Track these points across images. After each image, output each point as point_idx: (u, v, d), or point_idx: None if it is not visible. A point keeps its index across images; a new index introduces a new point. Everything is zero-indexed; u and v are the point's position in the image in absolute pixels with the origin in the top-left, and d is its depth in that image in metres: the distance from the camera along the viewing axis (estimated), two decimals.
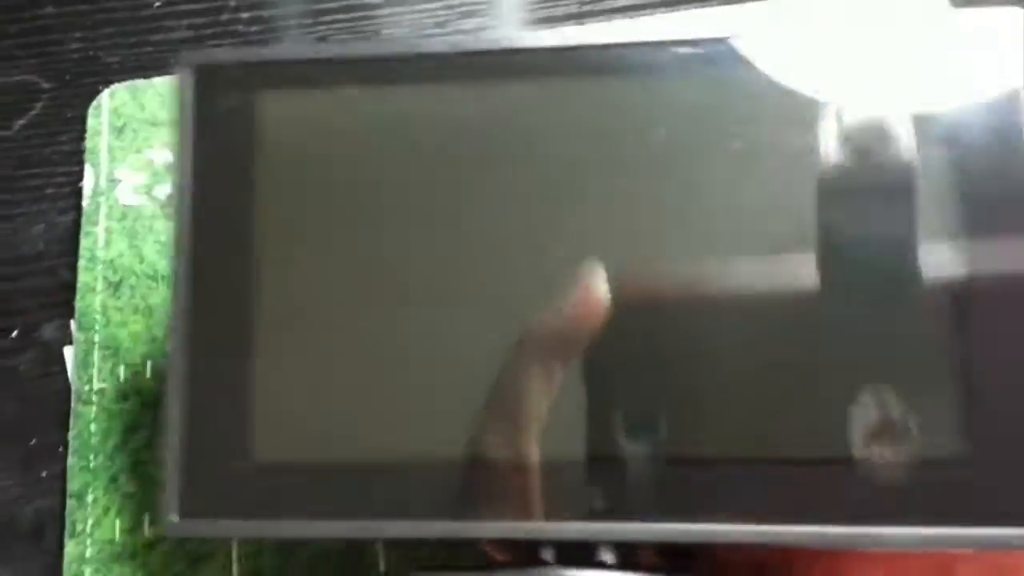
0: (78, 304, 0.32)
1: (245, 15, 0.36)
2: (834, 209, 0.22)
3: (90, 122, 0.34)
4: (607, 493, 0.21)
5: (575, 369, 0.22)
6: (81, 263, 0.32)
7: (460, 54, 0.24)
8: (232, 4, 0.36)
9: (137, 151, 0.33)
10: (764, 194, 0.22)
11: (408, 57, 0.24)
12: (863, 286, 0.22)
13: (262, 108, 0.24)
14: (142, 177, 0.33)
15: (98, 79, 0.35)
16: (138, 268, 0.32)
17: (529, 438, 0.21)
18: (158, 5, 0.36)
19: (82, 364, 0.31)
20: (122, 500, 0.30)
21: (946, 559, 0.23)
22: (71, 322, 0.32)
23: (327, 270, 0.23)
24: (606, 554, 0.22)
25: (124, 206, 0.33)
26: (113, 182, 0.33)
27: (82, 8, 0.36)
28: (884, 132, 0.22)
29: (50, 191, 0.34)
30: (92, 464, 0.30)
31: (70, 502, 0.30)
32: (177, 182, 0.24)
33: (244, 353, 0.23)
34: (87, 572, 0.29)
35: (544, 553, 0.22)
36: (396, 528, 0.22)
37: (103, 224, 0.33)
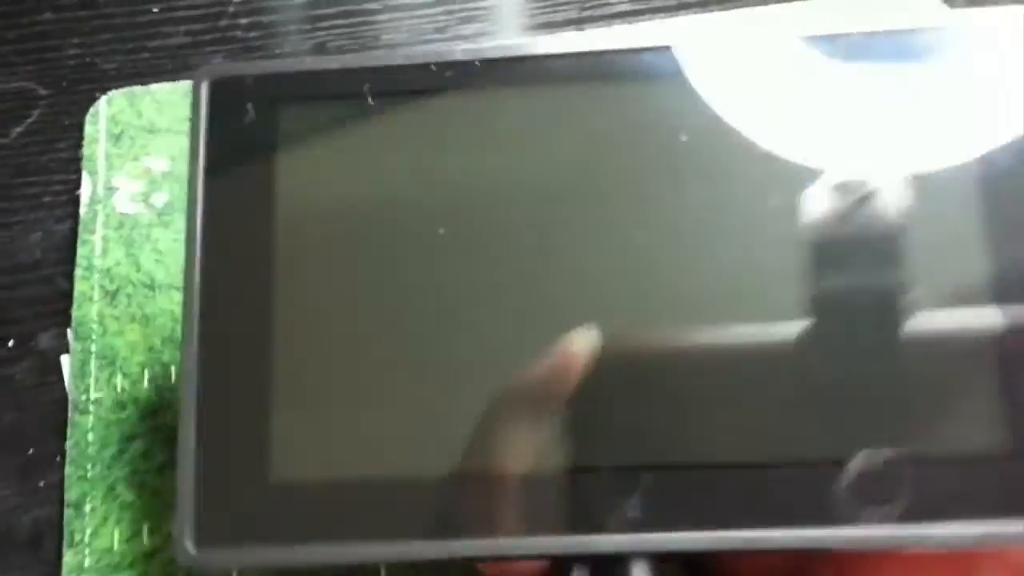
0: (75, 313, 0.32)
1: (244, 21, 0.36)
2: (820, 267, 0.22)
3: (87, 129, 0.34)
4: (638, 504, 0.21)
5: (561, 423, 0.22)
6: (78, 272, 0.32)
7: (483, 62, 0.24)
8: (231, 10, 0.36)
9: (134, 159, 0.33)
10: (749, 252, 0.22)
11: (430, 66, 0.24)
12: (851, 340, 0.21)
13: (282, 121, 0.24)
14: (139, 185, 0.33)
15: (95, 86, 0.35)
16: (135, 277, 0.32)
17: (505, 490, 0.21)
18: (156, 11, 0.36)
19: (79, 373, 0.31)
20: (120, 509, 0.30)
21: (971, 562, 0.22)
22: (68, 331, 0.32)
23: (347, 287, 0.23)
24: (638, 572, 0.21)
25: (121, 214, 0.33)
26: (110, 190, 0.33)
27: (80, 14, 0.36)
28: (871, 187, 0.22)
29: (47, 199, 0.34)
30: (90, 474, 0.30)
31: (68, 512, 0.30)
32: (190, 197, 0.24)
33: (260, 374, 0.23)
34: None
35: (577, 571, 0.22)
36: (425, 549, 0.21)
37: (100, 232, 0.33)
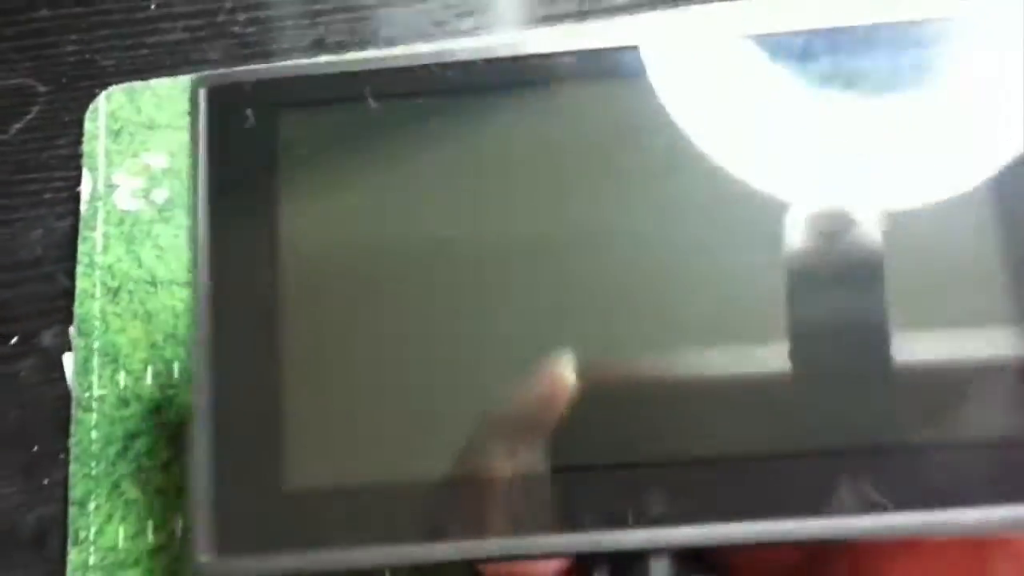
0: (77, 310, 0.32)
1: (241, 16, 0.36)
2: (803, 294, 0.22)
3: (87, 126, 0.34)
4: (661, 498, 0.21)
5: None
6: (79, 269, 0.32)
7: (485, 62, 0.23)
8: (228, 5, 0.36)
9: (134, 155, 0.33)
10: (731, 280, 0.22)
11: (430, 67, 0.24)
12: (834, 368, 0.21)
13: (282, 126, 0.24)
14: (139, 181, 0.33)
15: (94, 82, 0.35)
16: (136, 273, 0.32)
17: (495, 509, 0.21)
18: (154, 7, 0.36)
19: (82, 370, 0.31)
20: (125, 507, 0.30)
21: (983, 553, 0.22)
22: (70, 328, 0.32)
23: (353, 293, 0.23)
24: (658, 569, 0.21)
25: (122, 211, 0.33)
26: (111, 187, 0.33)
27: (77, 11, 0.36)
28: (851, 215, 0.22)
29: (48, 196, 0.34)
30: (94, 471, 0.30)
31: (72, 509, 0.30)
32: (192, 205, 0.23)
33: (271, 382, 0.22)
34: None
35: (598, 571, 0.22)
36: (439, 552, 0.21)
37: (101, 229, 0.33)
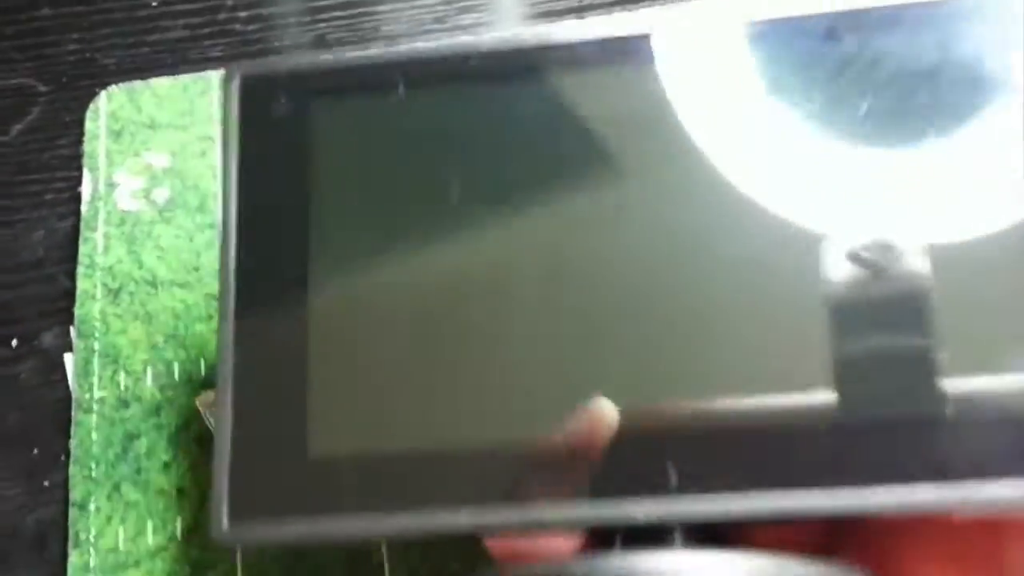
0: (78, 311, 0.32)
1: (243, 14, 0.36)
2: (844, 331, 0.21)
3: (88, 126, 0.34)
4: (682, 469, 0.21)
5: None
6: (80, 270, 0.32)
7: (512, 51, 0.24)
8: (229, 3, 0.36)
9: (135, 155, 0.33)
10: (772, 319, 0.22)
11: (460, 56, 0.24)
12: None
13: (314, 115, 0.24)
14: (140, 181, 0.33)
15: (95, 81, 0.35)
16: (137, 274, 0.32)
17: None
18: (155, 5, 0.36)
19: (82, 372, 0.31)
20: (125, 508, 0.30)
21: (999, 533, 0.22)
22: (71, 330, 0.32)
23: (380, 270, 0.23)
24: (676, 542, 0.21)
25: (123, 211, 0.32)
26: (111, 187, 0.33)
27: (78, 9, 0.36)
28: (893, 246, 0.21)
29: (49, 197, 0.34)
30: (94, 473, 0.30)
31: (73, 511, 0.30)
32: (224, 192, 0.24)
33: (296, 350, 0.23)
34: None
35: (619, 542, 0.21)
36: (461, 519, 0.21)
37: (102, 230, 0.32)
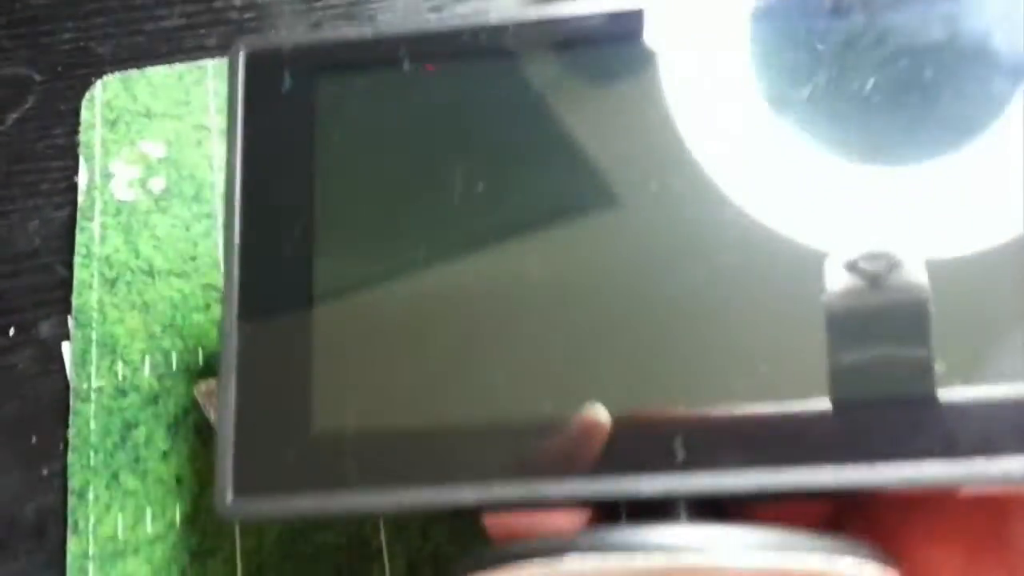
0: (75, 301, 0.32)
1: (238, 2, 0.35)
2: (844, 339, 0.21)
3: (83, 115, 0.34)
4: (685, 445, 0.21)
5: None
6: (77, 259, 0.32)
7: (517, 25, 0.24)
8: None
9: (131, 144, 0.33)
10: (771, 328, 0.21)
11: (471, 31, 0.24)
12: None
13: (319, 90, 0.24)
14: (136, 171, 0.33)
15: (91, 70, 0.35)
16: (134, 264, 0.32)
17: None
18: None
19: (80, 361, 0.31)
20: (123, 496, 0.30)
21: (1002, 510, 0.22)
22: (68, 319, 0.32)
23: (384, 247, 0.23)
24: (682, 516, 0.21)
25: (119, 201, 0.32)
26: (107, 176, 0.33)
27: None
28: (893, 257, 0.21)
29: (45, 186, 0.34)
30: (92, 461, 0.30)
31: (71, 499, 0.30)
32: (228, 167, 0.24)
33: (300, 326, 0.23)
34: (91, 569, 0.29)
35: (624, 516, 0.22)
36: (464, 494, 0.21)
37: (98, 219, 0.32)
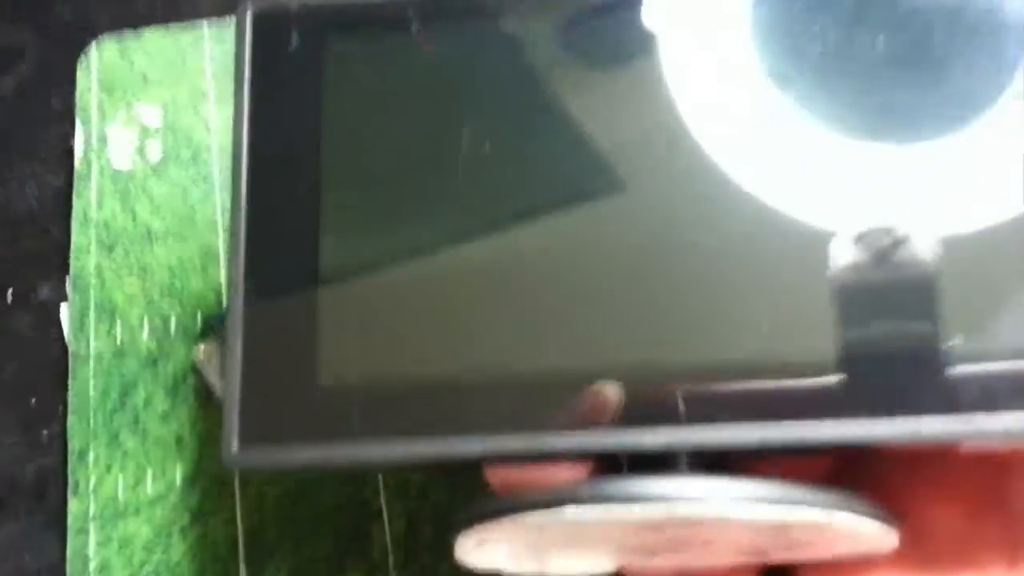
0: (73, 265, 0.32)
1: None
2: (846, 295, 0.21)
3: (79, 80, 0.34)
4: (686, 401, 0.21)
5: None
6: (74, 224, 0.32)
7: None
8: None
9: (127, 108, 0.33)
10: (774, 288, 0.22)
11: None
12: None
13: (328, 52, 0.24)
14: (133, 135, 0.33)
15: (87, 34, 0.35)
16: (131, 229, 0.32)
17: None
18: None
19: (78, 325, 0.31)
20: (123, 457, 0.30)
21: (1002, 469, 0.22)
22: (66, 282, 0.32)
23: (391, 207, 0.23)
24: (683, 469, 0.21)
25: (116, 165, 0.33)
26: (104, 141, 0.33)
27: None
28: (899, 232, 0.21)
29: (42, 152, 0.34)
30: (92, 423, 0.31)
31: (72, 460, 0.30)
32: (235, 127, 0.24)
33: (306, 280, 0.23)
34: (92, 529, 0.30)
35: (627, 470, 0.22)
36: (468, 446, 0.21)
37: (95, 184, 0.33)
